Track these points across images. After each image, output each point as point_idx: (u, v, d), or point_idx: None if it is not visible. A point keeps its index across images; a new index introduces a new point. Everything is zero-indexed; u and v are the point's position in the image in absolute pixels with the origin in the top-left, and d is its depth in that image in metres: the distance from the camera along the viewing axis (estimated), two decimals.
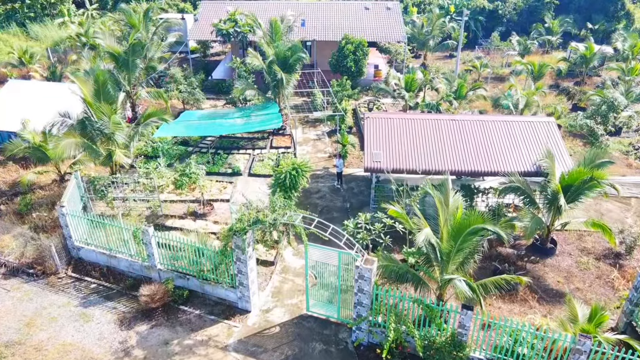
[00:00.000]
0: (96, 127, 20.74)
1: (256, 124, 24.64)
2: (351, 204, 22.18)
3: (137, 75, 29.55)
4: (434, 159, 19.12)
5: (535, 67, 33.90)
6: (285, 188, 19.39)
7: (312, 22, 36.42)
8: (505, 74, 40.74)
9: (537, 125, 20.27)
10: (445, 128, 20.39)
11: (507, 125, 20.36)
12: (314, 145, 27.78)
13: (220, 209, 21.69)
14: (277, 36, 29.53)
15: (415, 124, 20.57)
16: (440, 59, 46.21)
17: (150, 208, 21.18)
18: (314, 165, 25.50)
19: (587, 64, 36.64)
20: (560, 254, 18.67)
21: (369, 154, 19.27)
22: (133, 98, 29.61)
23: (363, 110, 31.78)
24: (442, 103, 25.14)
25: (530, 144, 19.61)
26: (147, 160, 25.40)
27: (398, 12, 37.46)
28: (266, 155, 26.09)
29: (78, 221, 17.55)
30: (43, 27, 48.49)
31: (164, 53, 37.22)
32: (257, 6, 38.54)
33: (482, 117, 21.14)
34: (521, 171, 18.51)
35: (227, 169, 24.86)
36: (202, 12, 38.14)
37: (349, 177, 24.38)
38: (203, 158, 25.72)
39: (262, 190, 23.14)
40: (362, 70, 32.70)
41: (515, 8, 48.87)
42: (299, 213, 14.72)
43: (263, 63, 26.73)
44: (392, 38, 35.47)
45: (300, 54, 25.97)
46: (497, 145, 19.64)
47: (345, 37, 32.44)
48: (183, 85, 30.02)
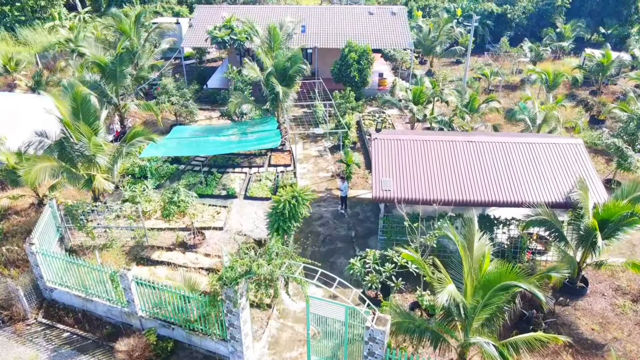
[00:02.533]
0: (75, 149, 18.83)
1: (253, 142, 22.64)
2: (356, 232, 20.18)
3: (126, 86, 27.57)
4: (449, 187, 17.11)
5: (550, 76, 31.89)
6: (284, 218, 17.40)
7: (313, 28, 34.41)
8: (516, 81, 38.78)
9: (563, 147, 18.27)
10: (461, 150, 18.39)
11: (530, 147, 18.36)
12: (316, 163, 25.77)
13: (213, 238, 19.70)
14: (276, 44, 27.49)
15: (428, 146, 18.58)
16: (447, 65, 44.21)
17: (135, 238, 19.19)
18: (316, 187, 23.55)
19: (603, 73, 34.61)
20: (592, 294, 16.68)
21: (377, 181, 17.27)
22: (121, 111, 27.62)
23: (368, 123, 29.78)
24: (454, 119, 23.15)
25: (557, 170, 17.61)
26: (134, 180, 23.42)
27: (404, 18, 35.45)
28: (263, 175, 24.08)
29: (50, 260, 15.55)
30: (33, 31, 46.50)
31: (157, 60, 35.28)
32: (254, 11, 36.56)
33: (502, 137, 19.13)
34: (548, 202, 16.50)
35: (221, 191, 22.87)
36: (197, 17, 36.13)
37: (354, 200, 22.37)
38: (195, 178, 23.73)
39: (259, 216, 21.16)
40: (366, 80, 30.70)
41: (524, 12, 46.85)
42: (300, 262, 12.69)
43: (260, 74, 24.72)
44: (397, 45, 33.46)
45: (301, 65, 23.97)
46: (520, 170, 17.63)
47: (349, 44, 30.44)
48: (175, 97, 27.99)
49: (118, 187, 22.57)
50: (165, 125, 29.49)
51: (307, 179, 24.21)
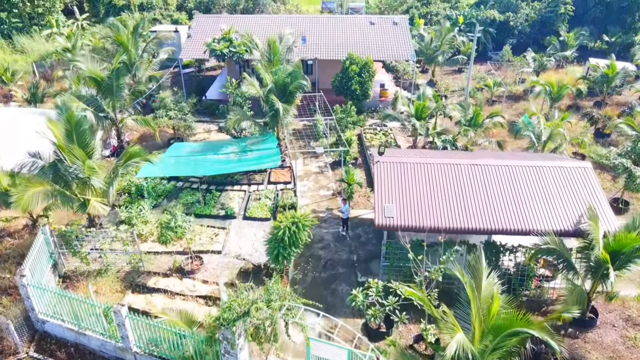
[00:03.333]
0: (70, 172, 18.32)
1: (252, 161, 22.13)
2: (358, 256, 19.67)
3: (123, 101, 27.06)
4: (454, 213, 16.59)
5: (554, 88, 31.36)
6: (283, 245, 16.89)
7: (314, 38, 33.88)
8: (519, 91, 38.26)
9: (571, 171, 17.75)
10: (466, 174, 17.87)
11: (537, 171, 17.83)
12: (316, 180, 25.24)
13: (211, 262, 19.18)
14: (275, 58, 26.98)
15: (432, 170, 18.05)
16: (449, 73, 43.67)
17: (131, 263, 18.66)
18: (317, 206, 23.04)
19: (608, 84, 34.10)
20: (602, 325, 16.17)
21: (379, 207, 16.75)
22: (118, 126, 27.11)
23: (369, 137, 29.27)
24: (458, 137, 22.61)
25: (565, 195, 17.09)
26: (131, 198, 22.90)
27: (405, 28, 34.91)
28: (263, 193, 23.56)
29: (42, 292, 15.03)
30: (30, 38, 45.98)
31: (155, 71, 34.80)
32: (253, 21, 36.04)
33: (507, 160, 18.59)
34: (556, 230, 15.97)
35: (219, 211, 22.35)
36: (195, 27, 35.59)
37: (355, 221, 21.85)
38: (193, 196, 23.21)
39: (258, 238, 20.65)
40: (367, 93, 30.18)
41: (527, 19, 46.31)
42: (300, 303, 12.17)
43: (260, 90, 24.20)
44: (399, 56, 32.92)
45: (301, 82, 23.46)
46: (527, 196, 17.11)
47: (350, 56, 29.91)
48: (173, 111, 27.47)
49: (114, 207, 22.06)
50: (163, 140, 28.98)
51: (307, 198, 23.70)
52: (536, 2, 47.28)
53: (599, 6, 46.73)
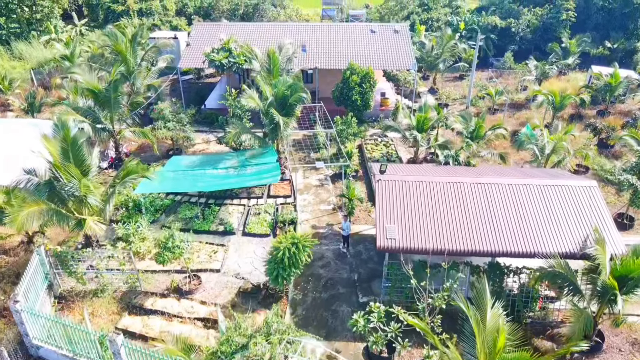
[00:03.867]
0: (65, 190, 18.02)
1: (251, 176, 21.78)
2: (359, 275, 19.34)
3: (121, 112, 26.73)
4: (457, 235, 16.26)
5: (557, 98, 31.00)
6: (283, 266, 16.58)
7: (314, 47, 33.54)
8: (521, 100, 37.89)
9: (576, 190, 17.41)
10: (469, 193, 17.54)
11: (542, 190, 17.50)
12: (316, 194, 24.90)
13: (209, 282, 18.85)
14: (275, 68, 26.70)
15: (434, 188, 17.72)
16: (450, 80, 43.32)
17: (128, 283, 18.33)
18: (317, 222, 22.71)
19: (611, 92, 33.77)
20: (609, 349, 15.83)
21: (381, 228, 16.42)
22: (116, 137, 26.79)
23: (370, 148, 28.94)
24: (461, 153, 22.27)
25: (570, 215, 16.75)
26: (128, 212, 22.57)
27: (407, 36, 34.57)
28: (263, 208, 23.24)
29: (36, 318, 14.70)
30: (28, 44, 45.61)
31: (154, 80, 34.47)
32: (253, 30, 35.69)
33: (511, 178, 18.26)
34: (561, 252, 15.64)
35: (218, 227, 22.02)
36: (194, 35, 35.23)
37: (356, 237, 21.51)
38: (192, 211, 22.89)
39: (258, 255, 20.32)
40: (368, 103, 29.83)
41: (528, 25, 45.94)
42: (300, 337, 11.83)
43: (260, 103, 23.86)
44: (400, 66, 32.55)
45: (301, 95, 23.14)
46: (531, 216, 16.78)
47: (350, 66, 29.57)
48: (172, 122, 27.14)
49: (112, 222, 21.73)
50: (161, 151, 28.64)
51: (307, 212, 23.36)
52: (538, 9, 46.94)
53: (601, 12, 46.39)
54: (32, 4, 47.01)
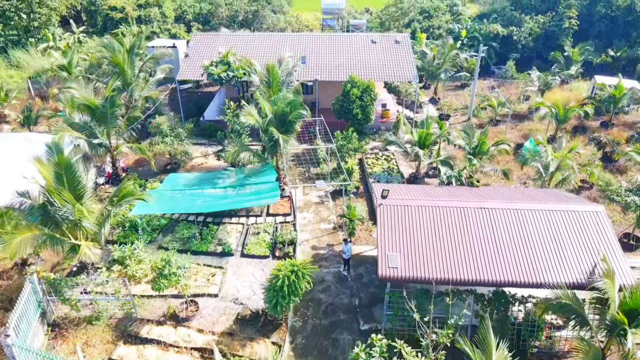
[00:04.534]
0: (59, 214, 17.61)
1: (250, 196, 21.36)
2: (360, 300, 18.90)
3: (118, 127, 26.28)
4: (461, 263, 15.83)
5: (561, 110, 30.60)
6: (282, 295, 16.15)
7: (314, 58, 33.12)
8: (523, 110, 37.45)
9: (583, 216, 16.99)
10: (474, 219, 17.11)
11: (548, 215, 17.08)
12: (317, 212, 24.46)
13: (207, 307, 18.42)
14: (275, 82, 26.28)
15: (438, 213, 17.30)
16: (451, 89, 42.87)
17: (123, 309, 17.90)
18: (317, 242, 22.27)
19: (615, 104, 33.34)
20: None
21: (383, 256, 15.99)
22: (113, 153, 26.35)
23: (371, 162, 28.53)
24: (464, 173, 21.83)
25: (577, 243, 16.33)
26: (125, 232, 22.15)
27: (408, 47, 34.14)
28: (262, 227, 22.81)
29: (27, 353, 14.26)
30: (25, 52, 45.18)
31: (152, 92, 34.02)
32: (253, 40, 35.25)
33: (516, 201, 17.82)
34: (569, 282, 15.23)
35: (216, 247, 21.60)
36: (192, 46, 34.79)
37: (357, 258, 21.07)
38: (190, 230, 22.46)
39: (257, 278, 19.90)
40: (369, 117, 29.42)
41: (530, 33, 45.52)
42: None
43: (259, 119, 23.44)
44: (402, 78, 32.12)
45: (301, 112, 22.72)
46: (537, 244, 16.36)
47: (351, 79, 29.14)
48: (170, 137, 26.71)
49: (108, 242, 21.31)
50: (159, 165, 28.25)
51: (307, 232, 22.93)
52: (540, 16, 46.53)
53: (604, 20, 45.97)
54: (29, 12, 46.63)
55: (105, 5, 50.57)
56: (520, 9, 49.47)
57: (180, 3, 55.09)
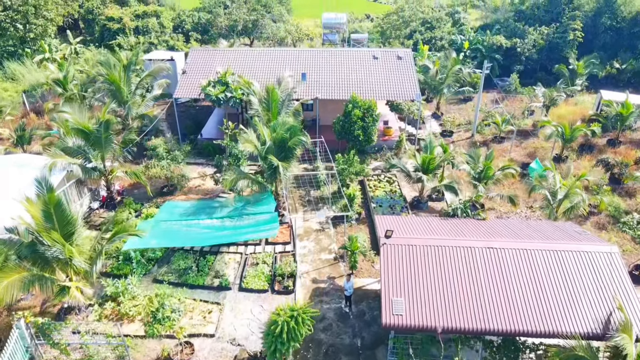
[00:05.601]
0: (49, 253, 16.88)
1: (248, 228, 20.62)
2: (363, 340, 18.16)
3: (113, 151, 25.54)
4: (470, 310, 15.09)
5: (567, 130, 29.87)
6: (281, 340, 15.42)
7: (314, 75, 32.36)
8: (528, 126, 36.68)
9: (597, 257, 16.26)
10: (481, 260, 16.38)
11: (559, 256, 16.33)
12: (317, 240, 23.71)
13: (203, 349, 17.68)
14: (274, 104, 25.57)
15: (444, 254, 16.56)
16: (454, 102, 42.07)
17: (115, 352, 17.15)
18: (317, 274, 21.53)
19: (622, 122, 32.60)
20: None
21: (387, 302, 15.25)
22: (107, 177, 25.60)
23: (373, 184, 27.78)
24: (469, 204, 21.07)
25: (591, 286, 15.60)
26: (118, 263, 21.40)
27: (410, 63, 33.39)
28: (261, 257, 22.05)
29: None
30: (21, 64, 44.42)
31: (148, 109, 33.34)
32: (252, 56, 34.51)
33: (526, 241, 17.08)
34: (583, 332, 14.49)
35: (213, 280, 20.85)
36: (190, 62, 34.01)
37: (359, 292, 20.32)
38: (186, 261, 21.70)
39: (255, 315, 19.17)
40: (371, 138, 28.67)
41: (534, 45, 44.74)
42: None
43: (258, 144, 22.72)
44: (404, 96, 31.33)
45: (301, 138, 21.99)
46: (549, 287, 15.63)
47: (353, 99, 28.40)
48: (166, 160, 25.97)
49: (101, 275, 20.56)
50: (155, 188, 27.48)
51: (307, 263, 22.18)
52: (544, 27, 45.74)
53: (609, 32, 45.21)
54: (25, 22, 45.89)
55: (102, 16, 49.83)
56: (524, 19, 48.69)
57: (178, 12, 54.41)
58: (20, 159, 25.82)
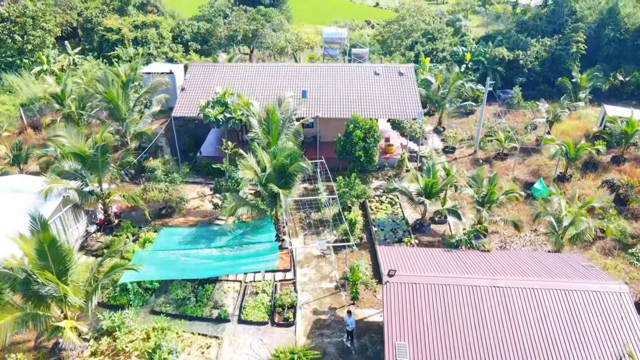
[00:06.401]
0: (43, 292, 16.46)
1: (247, 258, 20.21)
2: None
3: (110, 174, 25.13)
4: (476, 354, 14.65)
5: (572, 150, 29.45)
6: None
7: (315, 92, 31.93)
8: (530, 141, 36.24)
9: (605, 298, 15.83)
10: (487, 299, 15.97)
11: (567, 296, 15.92)
12: (318, 267, 23.27)
13: None
14: (274, 126, 25.16)
15: (448, 293, 16.14)
16: (456, 116, 41.56)
17: None
18: (318, 305, 21.10)
19: (627, 139, 32.16)
20: None
21: (391, 347, 14.82)
22: (105, 201, 25.18)
23: (374, 206, 27.37)
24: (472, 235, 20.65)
25: (600, 329, 15.19)
26: (115, 294, 20.97)
27: (412, 79, 32.95)
28: (260, 286, 21.63)
29: None
30: (18, 76, 43.99)
31: (146, 126, 32.91)
32: (251, 72, 34.06)
33: (533, 280, 16.65)
34: None
35: (212, 311, 20.43)
36: (189, 79, 33.56)
37: (361, 325, 19.88)
38: (184, 290, 21.27)
39: (255, 351, 18.74)
40: (373, 159, 28.24)
41: (537, 57, 44.29)
42: None
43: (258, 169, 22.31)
44: (406, 114, 30.86)
45: (301, 164, 21.56)
46: (557, 330, 15.23)
47: (354, 119, 27.98)
48: (164, 184, 25.56)
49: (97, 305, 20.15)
50: (154, 209, 27.07)
51: (308, 292, 21.74)
52: (546, 39, 45.28)
53: (613, 44, 44.74)
54: (23, 34, 45.45)
55: (101, 27, 49.38)
56: (526, 30, 48.24)
57: (178, 22, 53.96)
58: (16, 182, 25.38)
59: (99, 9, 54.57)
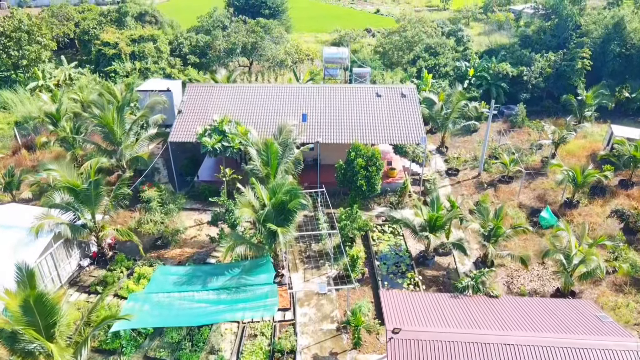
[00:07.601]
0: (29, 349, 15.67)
1: (245, 302, 19.38)
2: None
3: (104, 207, 24.35)
4: None
5: (579, 177, 28.66)
6: None
7: (316, 115, 31.11)
8: (536, 162, 35.44)
9: (621, 357, 15.00)
10: (497, 357, 15.12)
11: (581, 356, 15.09)
12: (318, 306, 22.46)
13: None
14: (273, 157, 24.40)
15: (455, 350, 15.32)
16: (459, 134, 40.67)
17: None
18: (319, 350, 20.29)
19: (635, 162, 31.35)
20: None
21: None
22: (98, 235, 24.39)
23: (376, 236, 26.58)
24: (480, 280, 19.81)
25: None
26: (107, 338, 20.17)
27: (415, 102, 32.13)
28: (259, 328, 20.84)
29: None
30: (13, 92, 43.21)
31: (142, 151, 32.04)
32: (250, 93, 33.24)
33: (545, 336, 15.84)
34: None
35: (208, 357, 19.63)
36: (187, 100, 32.72)
37: None
38: (180, 332, 20.47)
39: None
40: (375, 187, 27.41)
41: (542, 73, 43.46)
42: None
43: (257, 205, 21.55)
44: (409, 139, 30.06)
45: (301, 201, 20.79)
46: None
47: (355, 147, 27.16)
48: (159, 215, 24.77)
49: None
50: (149, 240, 26.28)
51: (308, 335, 20.94)
52: (551, 53, 44.46)
53: (618, 59, 43.91)
54: (19, 49, 44.64)
55: (98, 41, 48.59)
56: (530, 45, 47.41)
57: (176, 35, 53.15)
58: (7, 214, 24.55)
59: (97, 20, 53.83)
